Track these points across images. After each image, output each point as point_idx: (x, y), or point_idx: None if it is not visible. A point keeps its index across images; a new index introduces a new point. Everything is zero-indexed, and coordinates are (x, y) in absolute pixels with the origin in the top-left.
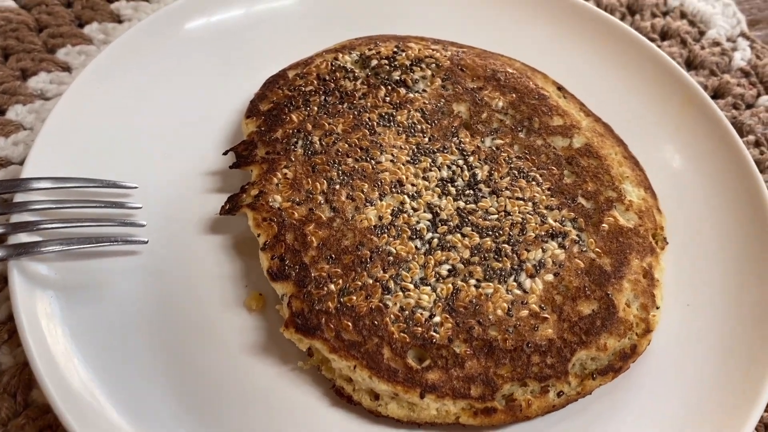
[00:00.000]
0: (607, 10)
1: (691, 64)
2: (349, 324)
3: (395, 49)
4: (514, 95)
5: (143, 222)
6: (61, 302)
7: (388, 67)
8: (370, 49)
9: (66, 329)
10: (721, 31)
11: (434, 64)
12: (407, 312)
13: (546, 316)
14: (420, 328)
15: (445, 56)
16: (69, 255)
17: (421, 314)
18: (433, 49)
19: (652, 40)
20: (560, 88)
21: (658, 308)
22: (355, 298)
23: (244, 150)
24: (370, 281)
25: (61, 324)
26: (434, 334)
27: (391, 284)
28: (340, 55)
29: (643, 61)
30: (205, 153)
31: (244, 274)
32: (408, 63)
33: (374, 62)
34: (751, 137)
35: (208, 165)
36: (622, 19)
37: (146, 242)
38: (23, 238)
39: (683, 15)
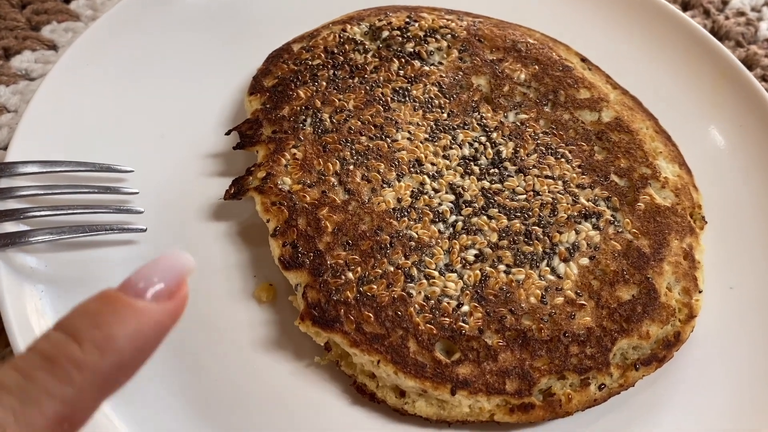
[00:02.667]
0: None
1: (715, 36)
2: (371, 315)
3: (407, 20)
4: (536, 67)
5: (140, 208)
6: (53, 298)
7: (400, 39)
8: (380, 20)
9: None
10: (745, 0)
11: (450, 35)
12: (433, 301)
13: (583, 302)
14: (447, 319)
15: (461, 26)
16: (60, 245)
17: (448, 303)
18: (447, 19)
19: None
20: (584, 59)
21: (701, 292)
22: (375, 287)
23: (249, 129)
24: (392, 268)
25: (54, 322)
26: (463, 324)
27: (414, 271)
28: (348, 26)
29: (671, 31)
30: (206, 133)
31: (251, 263)
32: (422, 34)
33: (385, 33)
34: None
35: (209, 146)
36: None
37: (145, 230)
38: (9, 227)
39: None
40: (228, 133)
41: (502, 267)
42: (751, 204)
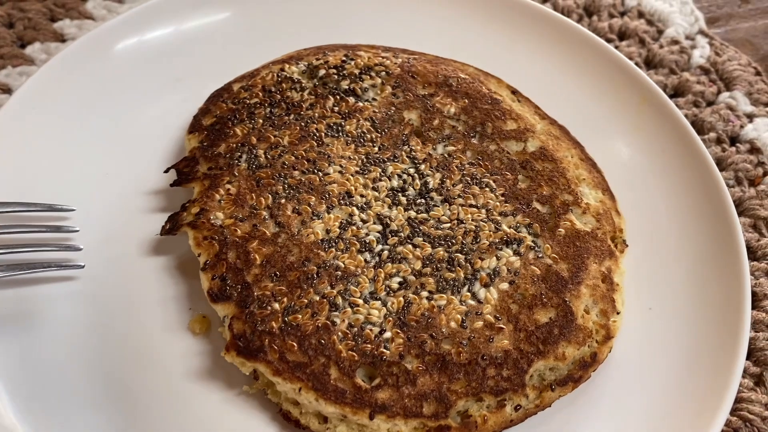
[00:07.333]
0: (564, 12)
1: (650, 63)
2: (294, 344)
3: (344, 58)
4: (466, 101)
5: (80, 246)
6: None
7: (336, 77)
8: (318, 59)
9: None
10: (680, 30)
11: (384, 72)
12: (356, 329)
13: (501, 326)
14: (369, 345)
15: (396, 63)
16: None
17: (371, 330)
18: (383, 57)
19: (610, 40)
20: (514, 92)
21: (618, 313)
22: (300, 316)
23: (186, 167)
24: (317, 298)
25: None
26: (384, 350)
27: (339, 300)
28: (287, 65)
29: (599, 62)
30: (147, 172)
31: (188, 296)
32: (357, 72)
33: (322, 72)
34: (712, 135)
35: (150, 184)
36: (579, 20)
37: (82, 267)
38: None
39: (641, 14)
40: (167, 171)
41: (424, 293)
42: (671, 227)
